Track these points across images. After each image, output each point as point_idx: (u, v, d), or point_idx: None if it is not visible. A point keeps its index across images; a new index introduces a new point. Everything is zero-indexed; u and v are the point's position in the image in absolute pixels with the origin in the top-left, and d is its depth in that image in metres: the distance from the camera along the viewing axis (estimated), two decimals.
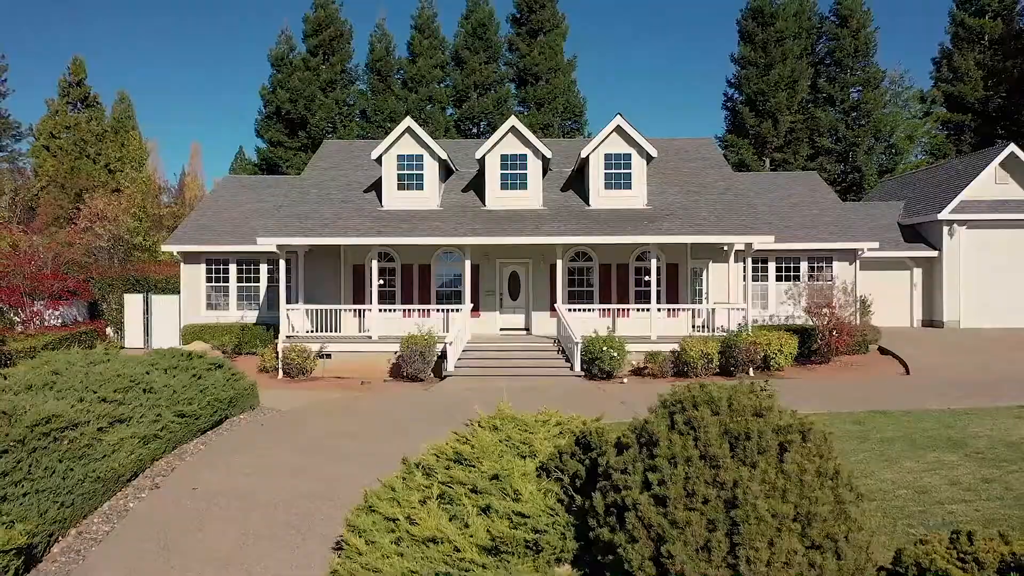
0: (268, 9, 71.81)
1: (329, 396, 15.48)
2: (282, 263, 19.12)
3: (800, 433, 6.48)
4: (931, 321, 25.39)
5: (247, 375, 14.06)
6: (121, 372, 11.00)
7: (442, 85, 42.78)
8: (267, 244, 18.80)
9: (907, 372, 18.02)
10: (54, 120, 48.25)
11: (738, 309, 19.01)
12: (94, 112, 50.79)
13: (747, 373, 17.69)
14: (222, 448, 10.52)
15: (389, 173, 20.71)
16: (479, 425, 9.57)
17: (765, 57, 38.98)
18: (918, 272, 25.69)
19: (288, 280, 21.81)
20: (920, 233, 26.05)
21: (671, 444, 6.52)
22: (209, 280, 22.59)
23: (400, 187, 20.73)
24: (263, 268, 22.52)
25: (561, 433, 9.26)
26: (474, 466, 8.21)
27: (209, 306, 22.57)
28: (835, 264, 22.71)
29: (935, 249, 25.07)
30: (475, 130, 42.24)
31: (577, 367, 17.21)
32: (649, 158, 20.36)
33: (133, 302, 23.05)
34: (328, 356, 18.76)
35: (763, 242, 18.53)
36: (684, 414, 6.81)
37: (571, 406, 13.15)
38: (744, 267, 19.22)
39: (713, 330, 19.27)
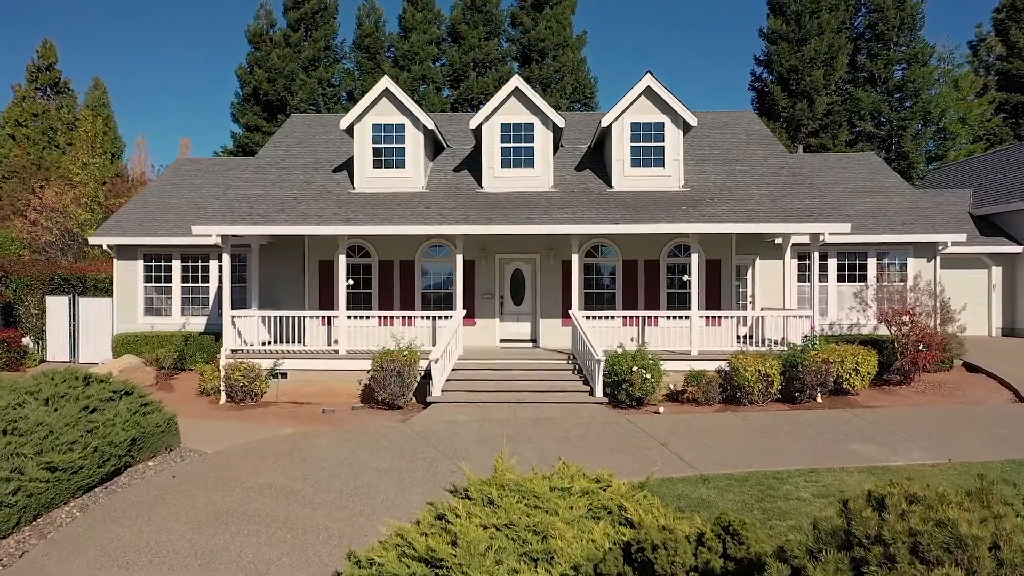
0: None
1: (277, 430, 12.00)
2: (226, 258, 15.23)
3: None
4: (1013, 329, 21.39)
5: (165, 406, 10.69)
6: None
7: (437, 64, 38.85)
8: (205, 234, 14.92)
9: (1019, 398, 14.12)
10: (21, 107, 44.89)
11: (802, 316, 15.04)
12: (65, 99, 47.34)
13: (815, 399, 13.89)
14: (106, 515, 7.63)
15: (363, 147, 16.78)
16: (467, 497, 6.36)
17: (799, 31, 34.86)
18: (997, 271, 21.67)
19: (240, 280, 17.96)
20: (997, 225, 22.04)
21: None
22: (148, 280, 18.61)
23: (376, 164, 16.81)
24: (213, 265, 18.55)
25: (591, 511, 6.19)
26: None
27: (148, 311, 18.60)
28: (910, 261, 18.68)
29: (1019, 244, 21.07)
30: (474, 113, 38.23)
31: (598, 391, 13.42)
32: (687, 128, 16.39)
33: (56, 306, 18.91)
34: (284, 375, 14.92)
35: (837, 232, 14.56)
36: (892, 571, 3.06)
37: (596, 450, 10.29)
38: (810, 264, 15.22)
39: (762, 342, 15.37)
